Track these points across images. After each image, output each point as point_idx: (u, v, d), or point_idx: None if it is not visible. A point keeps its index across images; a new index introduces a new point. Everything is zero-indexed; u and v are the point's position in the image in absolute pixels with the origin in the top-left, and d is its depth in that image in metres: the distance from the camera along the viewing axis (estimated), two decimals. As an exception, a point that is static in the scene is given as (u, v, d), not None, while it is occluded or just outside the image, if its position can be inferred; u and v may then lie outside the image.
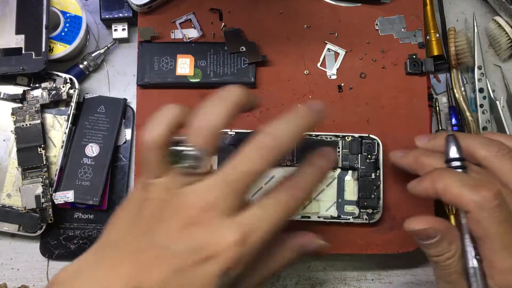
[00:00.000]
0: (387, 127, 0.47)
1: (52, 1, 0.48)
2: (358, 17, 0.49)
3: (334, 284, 0.49)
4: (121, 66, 0.52)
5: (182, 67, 0.47)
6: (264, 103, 0.48)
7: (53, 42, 0.48)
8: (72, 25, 0.49)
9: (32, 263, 0.49)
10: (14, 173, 0.48)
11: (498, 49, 0.52)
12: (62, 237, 0.48)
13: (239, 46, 0.47)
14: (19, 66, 0.46)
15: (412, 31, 0.49)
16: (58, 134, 0.48)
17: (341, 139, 0.45)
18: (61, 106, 0.48)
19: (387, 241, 0.46)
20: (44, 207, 0.46)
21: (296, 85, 0.48)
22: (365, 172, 0.45)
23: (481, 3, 0.54)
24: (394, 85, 0.48)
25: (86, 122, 0.48)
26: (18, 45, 0.46)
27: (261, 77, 0.48)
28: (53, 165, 0.47)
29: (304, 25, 0.49)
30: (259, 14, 0.49)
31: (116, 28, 0.50)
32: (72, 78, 0.48)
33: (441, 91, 0.52)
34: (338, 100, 0.48)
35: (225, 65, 0.47)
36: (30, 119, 0.47)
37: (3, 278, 0.49)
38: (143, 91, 0.48)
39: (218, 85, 0.47)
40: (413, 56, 0.48)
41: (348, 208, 0.45)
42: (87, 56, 0.50)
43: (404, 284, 0.49)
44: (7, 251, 0.49)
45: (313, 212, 0.45)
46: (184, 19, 0.49)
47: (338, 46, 0.49)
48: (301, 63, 0.48)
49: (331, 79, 0.48)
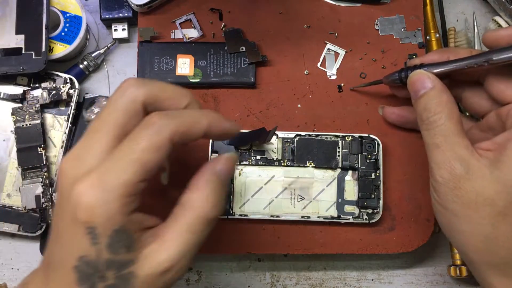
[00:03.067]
0: (387, 127, 0.47)
1: (52, 1, 0.48)
2: (358, 17, 0.49)
3: (334, 284, 0.49)
4: (121, 66, 0.52)
5: (182, 67, 0.47)
6: (264, 103, 0.48)
7: (53, 42, 0.48)
8: (72, 25, 0.49)
9: (32, 263, 0.49)
10: (14, 173, 0.48)
11: (498, 49, 0.52)
12: (62, 237, 0.48)
13: (239, 46, 0.47)
14: (19, 66, 0.46)
15: (412, 31, 0.49)
16: (58, 134, 0.48)
17: (341, 139, 0.45)
18: (61, 106, 0.48)
19: (387, 241, 0.46)
20: (44, 207, 0.46)
21: (296, 85, 0.48)
22: (365, 172, 0.45)
23: (481, 3, 0.54)
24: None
25: (86, 122, 0.48)
26: (18, 45, 0.46)
27: (261, 77, 0.48)
28: (53, 165, 0.47)
29: (304, 25, 0.49)
30: (259, 14, 0.49)
31: (116, 28, 0.50)
32: (72, 78, 0.48)
33: (441, 91, 0.52)
34: (338, 100, 0.48)
35: (225, 65, 0.47)
36: (30, 119, 0.47)
37: (3, 278, 0.49)
38: (143, 91, 0.48)
39: (218, 85, 0.47)
40: (413, 56, 0.48)
41: (348, 208, 0.45)
42: (87, 56, 0.50)
43: (404, 284, 0.49)
44: (7, 251, 0.49)
45: (313, 212, 0.45)
46: (184, 19, 0.49)
47: (338, 46, 0.49)
48: (301, 63, 0.48)
49: (331, 79, 0.48)
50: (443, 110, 0.34)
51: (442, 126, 0.34)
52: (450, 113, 0.34)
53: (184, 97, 0.31)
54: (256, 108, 0.47)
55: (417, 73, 0.37)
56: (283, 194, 0.45)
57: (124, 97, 0.29)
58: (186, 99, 0.31)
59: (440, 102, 0.35)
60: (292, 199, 0.45)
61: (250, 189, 0.45)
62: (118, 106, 0.29)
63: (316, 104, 0.48)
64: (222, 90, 0.48)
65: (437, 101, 0.35)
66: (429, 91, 0.35)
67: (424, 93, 0.35)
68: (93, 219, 0.27)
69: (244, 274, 0.49)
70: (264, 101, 0.48)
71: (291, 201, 0.45)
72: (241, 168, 0.45)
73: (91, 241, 0.27)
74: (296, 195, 0.45)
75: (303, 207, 0.45)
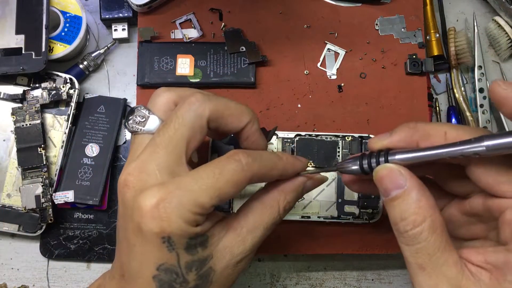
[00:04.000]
0: (387, 127, 0.47)
1: (52, 1, 0.48)
2: (358, 17, 0.49)
3: (334, 284, 0.49)
4: (121, 66, 0.52)
5: (182, 67, 0.47)
6: (264, 103, 0.48)
7: (53, 42, 0.48)
8: (72, 25, 0.49)
9: (32, 263, 0.49)
10: (14, 173, 0.47)
11: (498, 49, 0.52)
12: (62, 237, 0.48)
13: (239, 46, 0.47)
14: (19, 66, 0.46)
15: (412, 31, 0.49)
16: (58, 134, 0.48)
17: (341, 139, 0.45)
18: (61, 106, 0.48)
19: (387, 241, 0.46)
20: (44, 207, 0.46)
21: (296, 85, 0.48)
22: (365, 172, 0.45)
23: (481, 3, 0.54)
24: (394, 85, 0.48)
25: (86, 122, 0.48)
26: (18, 45, 0.46)
27: (261, 77, 0.48)
28: (53, 165, 0.47)
29: (304, 25, 0.49)
30: (259, 14, 0.49)
31: (116, 28, 0.50)
32: (72, 78, 0.48)
33: (441, 91, 0.52)
34: (338, 100, 0.48)
35: (225, 65, 0.47)
36: (30, 119, 0.47)
37: (3, 278, 0.49)
38: (143, 91, 0.48)
39: (218, 85, 0.47)
40: (413, 56, 0.48)
41: (348, 208, 0.45)
42: (87, 56, 0.50)
43: (404, 284, 0.49)
44: (7, 251, 0.49)
45: (313, 212, 0.45)
46: (184, 19, 0.49)
47: (338, 46, 0.49)
48: (301, 63, 0.48)
49: (331, 79, 0.48)
50: (425, 220, 0.27)
51: (425, 242, 0.27)
52: (432, 224, 0.27)
53: (246, 115, 0.32)
54: (256, 108, 0.47)
55: (385, 168, 0.29)
56: (283, 194, 0.45)
57: (191, 112, 0.30)
58: (248, 117, 0.32)
59: (419, 210, 0.27)
60: (292, 199, 0.45)
61: (250, 189, 0.45)
62: (186, 121, 0.30)
63: (316, 104, 0.48)
64: (222, 90, 0.48)
65: (415, 209, 0.27)
66: (403, 194, 0.28)
67: (397, 195, 0.28)
68: (168, 230, 0.27)
69: (244, 274, 0.49)
70: (264, 101, 0.48)
71: (291, 201, 0.45)
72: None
73: (167, 249, 0.28)
74: (296, 195, 0.45)
75: (303, 207, 0.45)
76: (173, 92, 0.32)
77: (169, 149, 0.29)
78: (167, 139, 0.29)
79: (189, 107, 0.30)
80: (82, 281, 0.49)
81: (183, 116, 0.30)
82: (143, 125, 0.31)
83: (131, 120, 0.31)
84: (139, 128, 0.31)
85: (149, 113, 0.31)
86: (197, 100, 0.30)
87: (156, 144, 0.29)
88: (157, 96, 0.32)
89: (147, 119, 0.31)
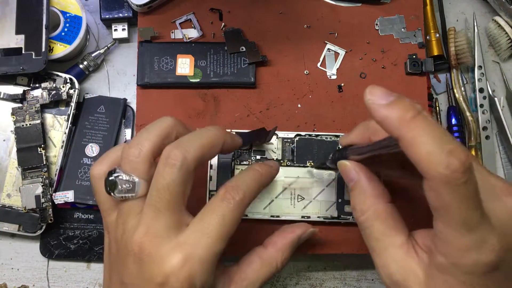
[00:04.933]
0: (387, 127, 0.47)
1: (52, 1, 0.48)
2: (358, 17, 0.49)
3: (334, 284, 0.49)
4: (121, 66, 0.52)
5: (182, 67, 0.47)
6: (264, 103, 0.48)
7: (53, 42, 0.48)
8: (72, 25, 0.49)
9: (32, 263, 0.49)
10: (14, 173, 0.48)
11: (498, 49, 0.52)
12: (62, 237, 0.48)
13: (239, 46, 0.47)
14: (19, 66, 0.46)
15: (412, 31, 0.49)
16: (58, 134, 0.48)
17: (341, 139, 0.45)
18: (61, 106, 0.48)
19: (387, 241, 0.45)
20: (44, 207, 0.46)
21: (296, 85, 0.48)
22: (365, 172, 0.45)
23: (481, 3, 0.54)
24: (394, 85, 0.48)
25: (86, 122, 0.48)
26: (18, 45, 0.46)
27: (261, 77, 0.48)
28: (53, 165, 0.47)
29: (304, 25, 0.49)
30: (259, 14, 0.49)
31: (116, 28, 0.50)
32: (72, 78, 0.48)
33: (441, 91, 0.52)
34: (338, 100, 0.48)
35: (225, 65, 0.47)
36: (30, 119, 0.47)
37: (3, 278, 0.49)
38: (143, 91, 0.48)
39: (218, 85, 0.47)
40: (413, 56, 0.48)
41: (348, 208, 0.45)
42: (87, 56, 0.50)
43: (404, 284, 0.49)
44: (7, 251, 0.49)
45: (313, 212, 0.45)
46: (184, 19, 0.49)
47: (338, 46, 0.49)
48: (301, 63, 0.48)
49: (331, 79, 0.48)
50: (369, 209, 0.31)
51: (371, 228, 0.31)
52: (376, 211, 0.30)
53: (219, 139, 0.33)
54: (256, 108, 0.47)
55: (341, 164, 0.33)
56: (283, 194, 0.45)
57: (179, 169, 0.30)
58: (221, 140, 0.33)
59: (364, 199, 0.31)
60: (292, 199, 0.45)
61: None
62: (178, 181, 0.30)
63: (316, 104, 0.48)
64: (222, 90, 0.48)
65: (361, 199, 0.31)
66: (355, 186, 0.32)
67: (352, 187, 0.32)
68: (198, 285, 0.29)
69: (244, 274, 0.49)
70: (264, 101, 0.48)
71: (291, 201, 0.45)
72: (240, 168, 0.45)
73: None
74: (296, 195, 0.45)
75: (303, 207, 0.45)
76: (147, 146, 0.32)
77: (170, 210, 0.31)
78: (166, 203, 0.30)
79: (172, 170, 0.30)
80: (82, 281, 0.49)
81: (173, 179, 0.30)
82: (133, 192, 0.31)
83: (118, 190, 0.31)
84: (130, 195, 0.31)
85: (133, 179, 0.31)
86: (177, 160, 0.30)
87: (158, 209, 0.30)
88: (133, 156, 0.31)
89: (134, 185, 0.31)
